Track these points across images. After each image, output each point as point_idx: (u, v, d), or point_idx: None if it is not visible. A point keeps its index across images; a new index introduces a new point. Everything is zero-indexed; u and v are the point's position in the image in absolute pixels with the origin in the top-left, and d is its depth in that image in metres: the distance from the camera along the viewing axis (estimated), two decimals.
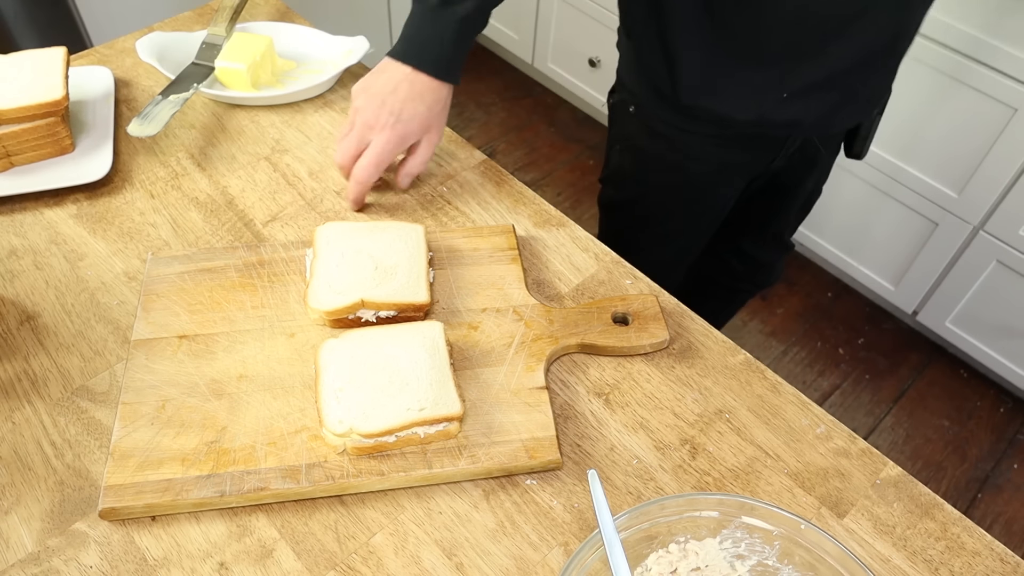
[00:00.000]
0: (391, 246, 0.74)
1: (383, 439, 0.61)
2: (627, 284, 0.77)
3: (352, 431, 0.60)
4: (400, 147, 0.82)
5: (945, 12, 1.51)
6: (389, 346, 0.66)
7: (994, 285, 1.70)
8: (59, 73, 0.86)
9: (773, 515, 0.55)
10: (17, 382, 0.68)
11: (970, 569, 0.60)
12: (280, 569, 0.58)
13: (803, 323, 2.03)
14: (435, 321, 0.68)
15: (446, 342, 0.67)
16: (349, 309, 0.69)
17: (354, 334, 0.67)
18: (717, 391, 0.70)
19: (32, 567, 0.57)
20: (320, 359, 0.65)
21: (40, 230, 0.80)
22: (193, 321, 0.71)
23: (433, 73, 0.81)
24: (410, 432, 0.62)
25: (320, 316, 0.70)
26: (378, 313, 0.71)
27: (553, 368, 0.71)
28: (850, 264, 1.97)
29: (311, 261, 0.74)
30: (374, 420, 0.61)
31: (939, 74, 1.58)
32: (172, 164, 0.88)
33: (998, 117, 1.53)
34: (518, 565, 0.58)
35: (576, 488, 0.63)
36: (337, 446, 0.62)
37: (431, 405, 0.62)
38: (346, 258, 0.72)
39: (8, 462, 0.63)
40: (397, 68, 0.81)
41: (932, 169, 1.69)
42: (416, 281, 0.71)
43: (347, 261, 0.72)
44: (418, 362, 0.65)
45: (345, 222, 0.76)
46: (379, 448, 0.62)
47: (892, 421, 1.85)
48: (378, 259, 0.73)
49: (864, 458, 0.66)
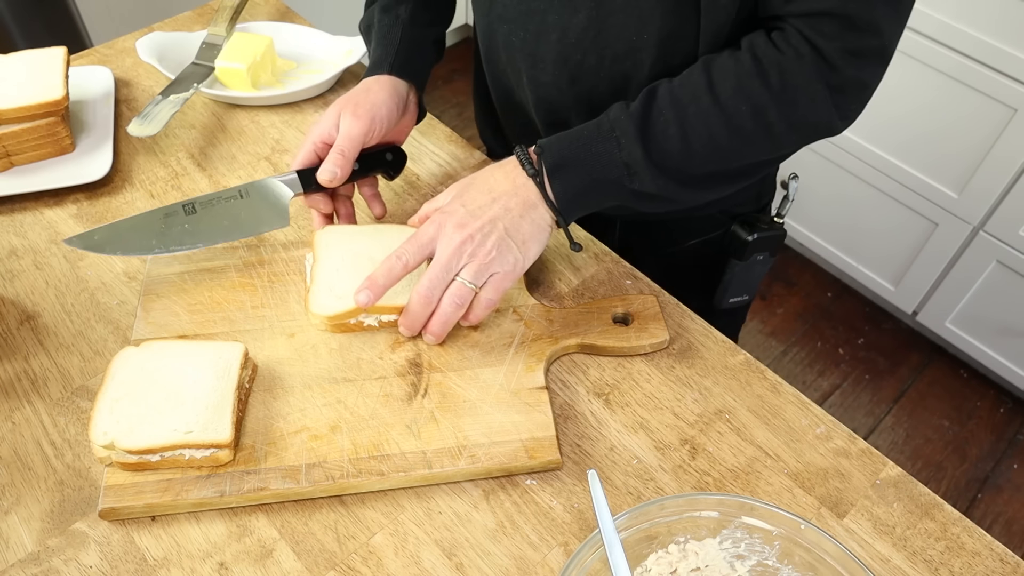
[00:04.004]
0: (391, 248, 0.72)
1: (146, 457, 0.59)
2: (627, 284, 0.77)
3: (115, 445, 0.58)
4: (312, 131, 0.75)
5: (946, 13, 1.51)
6: (181, 362, 0.64)
7: (994, 285, 1.70)
8: (59, 73, 0.86)
9: (773, 515, 0.55)
10: (17, 382, 0.68)
11: (970, 569, 0.59)
12: (280, 569, 0.58)
13: (803, 323, 2.03)
14: (239, 343, 0.66)
15: (244, 366, 0.64)
16: (351, 314, 0.69)
17: (154, 345, 0.66)
18: (717, 391, 0.70)
19: (32, 567, 0.57)
20: (111, 367, 0.64)
21: (40, 230, 0.80)
22: (193, 321, 0.71)
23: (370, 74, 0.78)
24: (176, 453, 0.59)
25: (321, 321, 0.69)
26: (380, 317, 0.70)
27: (553, 368, 0.71)
28: (850, 264, 1.97)
29: (311, 266, 0.72)
30: (138, 436, 0.59)
31: (939, 74, 1.58)
32: (172, 164, 0.88)
33: (998, 117, 1.53)
34: (518, 565, 0.58)
35: (576, 488, 0.63)
36: (104, 458, 0.60)
37: (199, 429, 0.59)
38: (347, 262, 0.71)
39: (8, 462, 0.63)
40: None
41: (932, 169, 1.69)
42: None
43: (348, 265, 0.71)
44: (201, 383, 0.62)
45: (345, 225, 0.76)
46: (143, 466, 0.60)
47: (892, 421, 1.85)
48: (379, 262, 0.71)
49: (864, 458, 0.66)
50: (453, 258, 0.66)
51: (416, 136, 0.93)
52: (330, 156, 0.73)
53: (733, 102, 0.67)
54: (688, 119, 0.68)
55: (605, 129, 0.69)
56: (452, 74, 2.73)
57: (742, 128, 0.68)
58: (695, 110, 0.68)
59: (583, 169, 0.69)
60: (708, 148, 0.69)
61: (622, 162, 0.68)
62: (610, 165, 0.69)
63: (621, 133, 0.68)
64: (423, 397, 0.66)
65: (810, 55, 0.65)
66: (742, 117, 0.67)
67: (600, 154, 0.69)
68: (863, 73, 0.67)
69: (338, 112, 0.75)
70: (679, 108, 0.68)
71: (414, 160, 0.90)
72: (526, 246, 0.68)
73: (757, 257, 0.88)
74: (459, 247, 0.66)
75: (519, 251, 0.67)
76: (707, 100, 0.67)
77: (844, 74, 0.66)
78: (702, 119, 0.67)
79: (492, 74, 0.89)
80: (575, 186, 0.69)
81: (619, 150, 0.68)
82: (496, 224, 0.67)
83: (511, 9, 0.78)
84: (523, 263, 0.68)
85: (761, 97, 0.67)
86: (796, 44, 0.66)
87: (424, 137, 0.93)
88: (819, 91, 0.67)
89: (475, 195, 0.69)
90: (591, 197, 0.70)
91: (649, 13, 0.70)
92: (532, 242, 0.68)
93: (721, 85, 0.67)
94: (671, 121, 0.68)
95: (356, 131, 0.74)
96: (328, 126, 0.75)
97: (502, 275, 0.67)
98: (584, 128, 0.70)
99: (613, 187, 0.70)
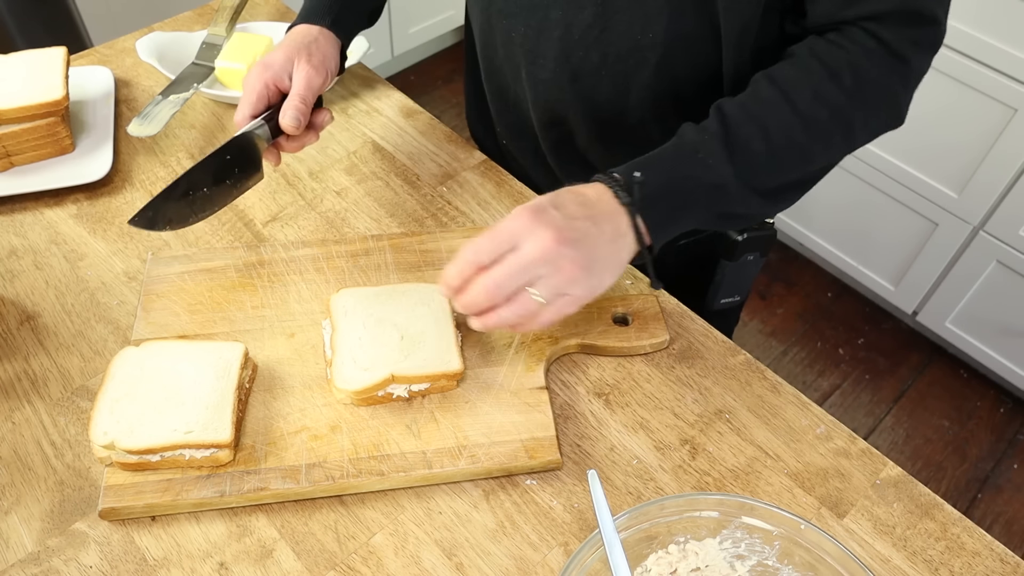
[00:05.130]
0: (413, 311, 0.69)
1: (146, 457, 0.59)
2: (627, 284, 0.77)
3: (115, 445, 0.58)
4: (264, 74, 0.72)
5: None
6: (181, 362, 0.64)
7: (994, 285, 1.70)
8: (59, 73, 0.86)
9: (773, 515, 0.55)
10: (17, 382, 0.68)
11: (970, 569, 0.59)
12: (280, 569, 0.58)
13: (803, 323, 2.03)
14: (239, 343, 0.65)
15: (244, 366, 0.64)
16: (379, 386, 0.64)
17: (154, 345, 0.66)
18: (717, 391, 0.70)
19: (32, 567, 0.57)
20: (111, 367, 0.64)
21: (40, 230, 0.80)
22: (193, 321, 0.71)
23: (299, 22, 0.77)
24: (176, 453, 0.60)
25: (347, 395, 0.65)
26: (410, 387, 0.65)
27: (553, 368, 0.71)
28: (850, 264, 1.97)
29: (329, 335, 0.68)
30: (139, 436, 0.59)
31: (939, 74, 1.58)
32: (172, 164, 0.88)
33: (998, 117, 1.53)
34: (518, 565, 0.58)
35: (576, 488, 0.63)
36: (104, 458, 0.60)
37: (199, 429, 0.60)
38: (368, 329, 0.67)
39: (8, 462, 0.63)
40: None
41: (932, 169, 1.69)
42: (447, 347, 0.66)
43: (369, 333, 0.67)
44: (202, 383, 0.62)
45: (360, 288, 0.71)
46: (143, 466, 0.60)
47: (892, 421, 1.85)
48: (403, 327, 0.68)
49: (864, 458, 0.66)
50: (538, 261, 0.57)
51: (416, 136, 0.93)
52: (292, 104, 0.71)
53: (812, 109, 0.66)
54: (771, 132, 0.65)
55: (687, 151, 0.65)
56: (452, 74, 2.73)
57: (823, 133, 0.67)
58: (776, 123, 0.65)
59: (673, 195, 0.64)
60: (794, 158, 0.68)
61: (711, 184, 0.64)
62: (699, 188, 0.64)
63: (707, 154, 0.64)
64: (423, 397, 0.66)
65: (878, 50, 0.65)
66: (823, 123, 0.66)
67: (688, 176, 0.64)
68: (924, 63, 0.68)
69: (290, 59, 0.73)
70: (759, 123, 0.65)
71: (414, 160, 0.90)
72: (604, 274, 0.61)
73: (748, 257, 0.87)
74: (550, 250, 0.57)
75: (598, 278, 0.60)
76: (787, 110, 0.65)
77: (912, 65, 0.66)
78: (784, 131, 0.65)
79: (488, 69, 0.89)
80: (665, 213, 0.64)
81: (708, 171, 0.64)
82: (589, 240, 0.59)
83: (512, 3, 0.78)
84: (597, 291, 0.60)
85: (839, 99, 0.66)
86: (861, 40, 0.66)
87: (424, 137, 0.93)
88: (894, 83, 0.67)
89: (569, 204, 0.60)
90: (681, 222, 0.65)
91: (656, 13, 0.70)
92: (609, 272, 0.61)
93: (796, 94, 0.66)
94: (754, 136, 0.65)
95: (317, 82, 0.73)
96: (280, 72, 0.73)
97: (573, 298, 0.59)
98: (663, 153, 0.65)
99: (701, 209, 0.66)
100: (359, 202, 0.85)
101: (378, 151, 0.91)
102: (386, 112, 0.96)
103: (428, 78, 2.71)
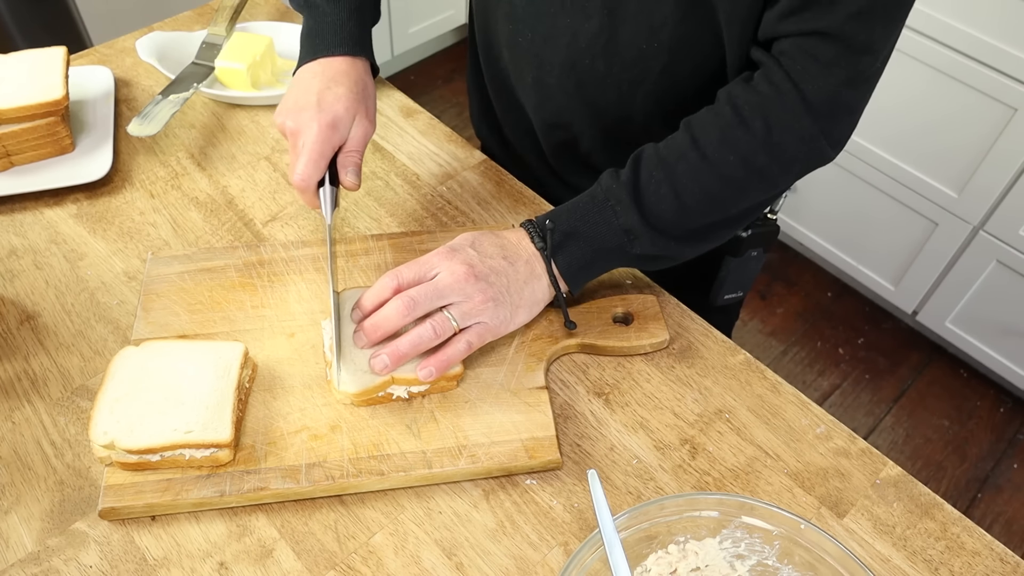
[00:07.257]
0: None
1: (146, 457, 0.59)
2: (627, 284, 0.77)
3: (115, 444, 0.58)
4: (333, 136, 0.71)
5: (946, 12, 1.51)
6: (181, 362, 0.64)
7: (994, 285, 1.70)
8: (59, 73, 0.86)
9: (773, 515, 0.55)
10: (17, 382, 0.68)
11: (970, 569, 0.60)
12: (280, 569, 0.58)
13: (803, 323, 2.03)
14: (239, 343, 0.65)
15: (244, 366, 0.64)
16: (379, 388, 0.64)
17: (154, 345, 0.65)
18: (717, 391, 0.70)
19: (32, 567, 0.57)
20: (111, 367, 0.63)
21: (40, 230, 0.80)
22: (193, 321, 0.71)
23: (342, 52, 0.74)
24: (176, 453, 0.59)
25: (347, 397, 0.65)
26: (410, 388, 0.65)
27: (553, 368, 0.71)
28: (850, 264, 1.97)
29: (330, 335, 0.68)
30: (138, 436, 0.59)
31: (939, 74, 1.58)
32: (172, 164, 0.88)
33: (998, 116, 1.53)
34: (518, 565, 0.58)
35: (576, 488, 0.63)
36: (104, 457, 0.60)
37: (199, 428, 0.59)
38: None
39: (8, 462, 0.63)
40: (305, 70, 0.73)
41: (932, 169, 1.69)
42: None
43: None
44: (201, 382, 0.62)
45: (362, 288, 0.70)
46: (143, 465, 0.60)
47: (892, 421, 1.85)
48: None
49: (864, 458, 0.66)
50: (450, 288, 0.64)
51: (416, 136, 0.93)
52: (351, 162, 0.72)
53: (719, 154, 0.67)
54: (678, 177, 0.68)
55: (600, 199, 0.69)
56: (452, 74, 2.73)
57: (733, 177, 0.68)
58: (684, 168, 0.68)
59: (584, 241, 0.69)
60: (703, 202, 0.69)
61: (621, 229, 0.69)
62: (610, 234, 0.69)
63: (616, 201, 0.69)
64: (423, 397, 0.66)
65: (791, 92, 0.65)
66: (731, 167, 0.67)
67: (598, 223, 0.69)
68: (850, 99, 0.66)
69: (352, 115, 0.72)
70: (667, 168, 0.68)
71: (414, 160, 0.90)
72: (518, 311, 0.67)
73: (751, 253, 0.88)
74: (460, 281, 0.64)
75: (510, 312, 0.66)
76: (694, 156, 0.68)
77: (829, 105, 0.65)
78: (691, 175, 0.68)
79: (491, 72, 0.89)
80: (579, 259, 0.69)
81: (616, 218, 0.69)
82: (501, 278, 0.66)
83: (520, 9, 0.78)
84: (509, 325, 0.67)
85: (748, 144, 0.67)
86: (777, 81, 0.65)
87: (424, 137, 0.93)
88: (806, 127, 0.66)
89: (487, 246, 0.68)
90: (595, 267, 0.71)
91: (661, 22, 0.70)
92: (523, 310, 0.68)
93: (704, 139, 0.67)
94: (662, 182, 0.68)
95: (371, 134, 0.74)
96: (345, 133, 0.72)
97: (487, 327, 0.65)
98: (579, 201, 0.70)
99: (616, 255, 0.70)
100: (359, 202, 0.85)
101: (378, 151, 0.91)
102: (386, 112, 0.96)
103: (428, 78, 2.71)
